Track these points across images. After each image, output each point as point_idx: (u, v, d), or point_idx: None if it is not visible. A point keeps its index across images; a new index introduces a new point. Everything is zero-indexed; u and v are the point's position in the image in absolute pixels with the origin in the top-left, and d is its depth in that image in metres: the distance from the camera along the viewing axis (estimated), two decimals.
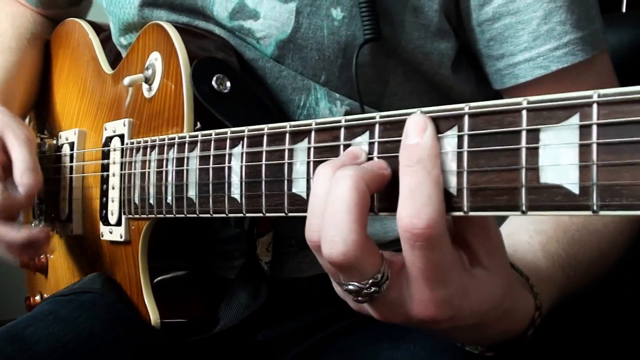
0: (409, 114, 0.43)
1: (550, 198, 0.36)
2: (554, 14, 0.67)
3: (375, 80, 0.73)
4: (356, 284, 0.44)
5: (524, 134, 0.37)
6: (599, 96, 0.34)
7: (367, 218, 0.42)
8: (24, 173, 0.79)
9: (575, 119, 0.35)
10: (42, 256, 0.97)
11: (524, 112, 0.37)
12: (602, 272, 0.67)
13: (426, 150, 0.41)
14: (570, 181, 0.35)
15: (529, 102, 0.37)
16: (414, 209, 0.40)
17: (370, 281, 0.43)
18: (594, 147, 0.34)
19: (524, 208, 0.37)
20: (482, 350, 0.53)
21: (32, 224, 0.96)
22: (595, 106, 0.34)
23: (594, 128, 0.34)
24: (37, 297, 0.99)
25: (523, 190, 0.37)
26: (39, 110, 1.02)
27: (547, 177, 0.36)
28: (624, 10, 1.37)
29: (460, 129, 0.40)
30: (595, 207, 0.34)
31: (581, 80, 0.69)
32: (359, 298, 0.45)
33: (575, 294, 0.63)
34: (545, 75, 0.68)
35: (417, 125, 0.41)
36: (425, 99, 0.76)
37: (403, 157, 0.42)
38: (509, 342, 0.52)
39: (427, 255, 0.41)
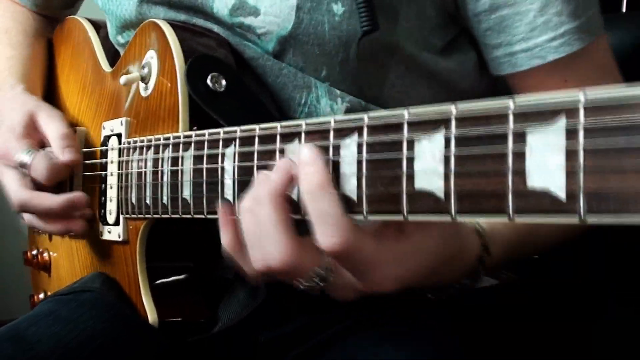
0: (396, 115, 0.43)
1: (537, 203, 0.35)
2: (550, 6, 0.67)
3: (375, 74, 0.73)
4: (306, 283, 0.50)
5: (510, 136, 0.36)
6: (585, 98, 0.33)
7: (292, 225, 0.48)
8: (64, 149, 0.79)
9: (562, 122, 0.34)
10: (45, 254, 0.97)
11: (511, 115, 0.36)
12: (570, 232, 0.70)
13: (321, 176, 0.46)
14: (557, 186, 0.34)
15: (515, 104, 0.36)
16: (327, 230, 0.45)
17: (317, 278, 0.50)
18: (581, 151, 0.33)
19: (510, 213, 0.36)
20: (437, 294, 0.59)
21: (52, 200, 0.95)
22: (582, 109, 0.33)
23: (581, 131, 0.33)
24: (41, 295, 0.99)
25: (510, 194, 0.36)
26: None
27: (534, 181, 0.35)
28: (624, 10, 1.35)
29: (448, 131, 0.40)
30: (581, 213, 0.33)
31: (578, 66, 0.70)
32: (313, 292, 0.51)
33: (545, 247, 0.68)
34: (542, 64, 0.69)
35: (308, 156, 0.47)
36: (425, 91, 0.76)
37: (303, 186, 0.47)
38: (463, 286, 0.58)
39: (351, 260, 0.47)
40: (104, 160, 0.79)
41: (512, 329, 0.72)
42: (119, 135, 0.76)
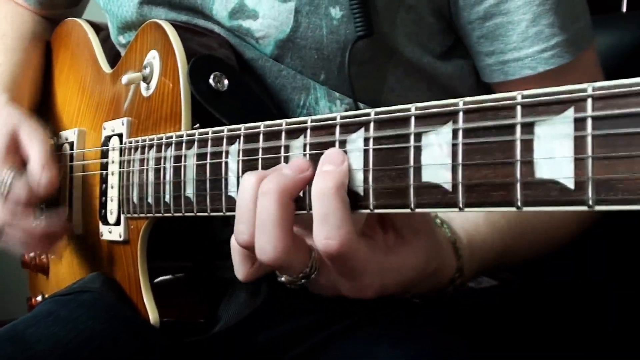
0: (403, 110, 0.43)
1: (546, 193, 0.36)
2: (542, 17, 0.68)
3: (374, 77, 0.73)
4: (287, 277, 0.50)
5: (518, 127, 0.37)
6: (593, 89, 0.34)
7: (293, 223, 0.48)
8: (42, 172, 0.80)
9: (570, 112, 0.35)
10: (43, 256, 0.97)
11: (519, 106, 0.37)
12: (552, 245, 0.71)
13: (338, 179, 0.45)
14: (565, 175, 0.35)
15: (523, 97, 0.37)
16: (329, 232, 0.45)
17: (300, 275, 0.50)
18: (589, 140, 0.34)
19: (519, 204, 0.37)
20: (410, 297, 0.60)
21: (33, 224, 0.96)
22: (589, 99, 0.34)
23: (589, 121, 0.34)
24: (39, 297, 0.99)
25: (518, 185, 0.37)
26: (40, 110, 1.02)
27: (542, 171, 0.36)
28: (624, 10, 1.36)
29: (455, 124, 0.40)
30: (590, 202, 0.34)
31: (569, 77, 0.70)
32: (291, 286, 0.51)
33: (519, 262, 0.70)
34: (532, 75, 0.70)
35: (333, 156, 0.46)
36: (424, 95, 0.76)
37: (317, 183, 0.46)
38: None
39: (343, 264, 0.47)
40: (104, 160, 0.79)
41: (512, 330, 0.72)
42: (120, 136, 0.76)
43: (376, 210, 0.45)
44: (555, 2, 0.68)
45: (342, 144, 0.47)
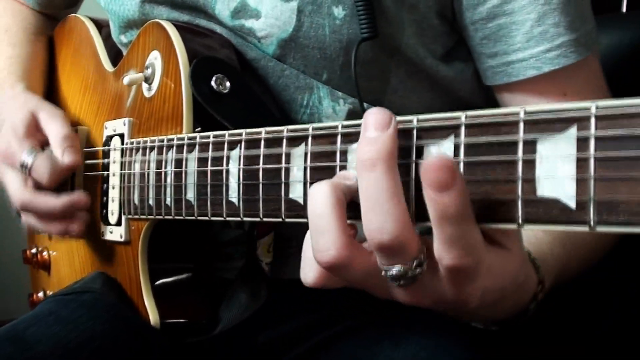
0: (405, 122, 0.43)
1: (547, 212, 0.35)
2: (547, 16, 0.67)
3: (377, 78, 0.73)
4: (402, 266, 0.43)
5: (520, 144, 0.36)
6: (597, 108, 0.33)
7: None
8: (65, 151, 0.79)
9: (573, 131, 0.34)
10: (44, 252, 0.97)
11: (521, 123, 0.36)
12: (598, 256, 0.69)
13: (465, 200, 0.38)
14: (567, 195, 0.34)
15: (526, 113, 0.36)
16: (459, 252, 0.40)
17: (415, 262, 0.42)
18: (592, 160, 0.33)
19: (520, 221, 0.36)
20: (487, 325, 0.55)
21: (53, 203, 0.94)
22: (593, 118, 0.33)
23: (592, 140, 0.33)
24: (40, 294, 0.99)
25: (519, 202, 0.36)
26: None
27: (544, 189, 0.35)
28: (624, 10, 1.35)
29: (457, 138, 0.40)
30: (591, 223, 0.33)
31: (573, 79, 0.70)
32: (402, 282, 0.43)
33: (574, 277, 0.65)
34: (537, 75, 0.68)
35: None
36: (426, 96, 0.76)
37: (442, 209, 0.39)
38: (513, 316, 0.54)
39: (468, 277, 0.42)
40: (106, 160, 0.79)
41: (512, 330, 0.72)
42: (121, 136, 0.76)
43: None
44: (561, 2, 0.67)
45: (343, 153, 0.47)
